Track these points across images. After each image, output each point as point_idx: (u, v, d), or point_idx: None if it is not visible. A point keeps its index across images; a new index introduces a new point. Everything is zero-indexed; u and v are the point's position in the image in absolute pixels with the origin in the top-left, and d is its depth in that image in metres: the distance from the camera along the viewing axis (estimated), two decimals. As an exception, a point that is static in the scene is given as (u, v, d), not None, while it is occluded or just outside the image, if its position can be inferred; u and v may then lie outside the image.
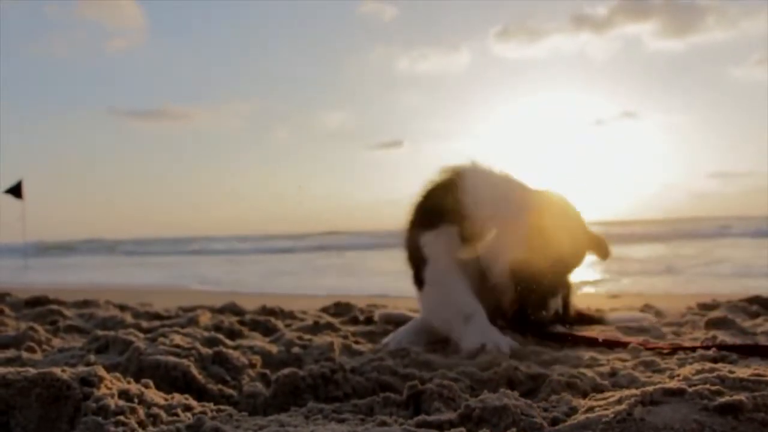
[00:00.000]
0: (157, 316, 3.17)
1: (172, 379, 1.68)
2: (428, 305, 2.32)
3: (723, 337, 2.22)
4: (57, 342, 2.38)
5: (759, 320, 2.65)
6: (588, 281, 6.95)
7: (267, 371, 1.87)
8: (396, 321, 2.75)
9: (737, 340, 2.20)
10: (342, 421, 1.35)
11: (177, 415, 1.37)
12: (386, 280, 7.79)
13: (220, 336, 2.19)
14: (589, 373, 1.68)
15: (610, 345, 2.18)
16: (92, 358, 1.86)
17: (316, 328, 2.65)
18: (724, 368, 1.51)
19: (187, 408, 1.42)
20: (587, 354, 2.04)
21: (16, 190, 12.50)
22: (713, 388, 1.24)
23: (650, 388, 1.25)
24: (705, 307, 3.26)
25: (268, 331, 2.62)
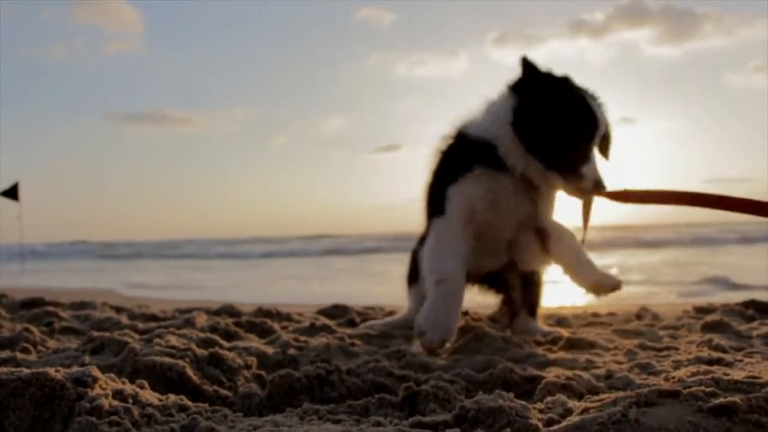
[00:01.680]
0: (153, 318, 3.17)
1: (167, 380, 1.67)
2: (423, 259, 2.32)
3: (719, 340, 2.22)
4: (52, 343, 2.36)
5: (754, 324, 2.66)
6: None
7: (263, 372, 1.87)
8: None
9: (733, 343, 2.21)
10: (337, 422, 1.35)
11: (172, 415, 1.36)
12: (385, 285, 7.79)
13: (216, 337, 2.18)
14: (584, 375, 1.68)
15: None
16: (87, 359, 1.85)
17: (313, 330, 2.64)
18: (719, 370, 1.52)
19: (182, 408, 1.42)
20: (583, 356, 2.04)
21: (12, 193, 12.46)
22: (708, 389, 1.24)
23: (645, 390, 1.26)
24: (701, 311, 3.27)
25: (264, 332, 2.61)
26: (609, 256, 12.16)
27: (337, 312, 3.34)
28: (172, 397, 1.47)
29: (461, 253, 2.24)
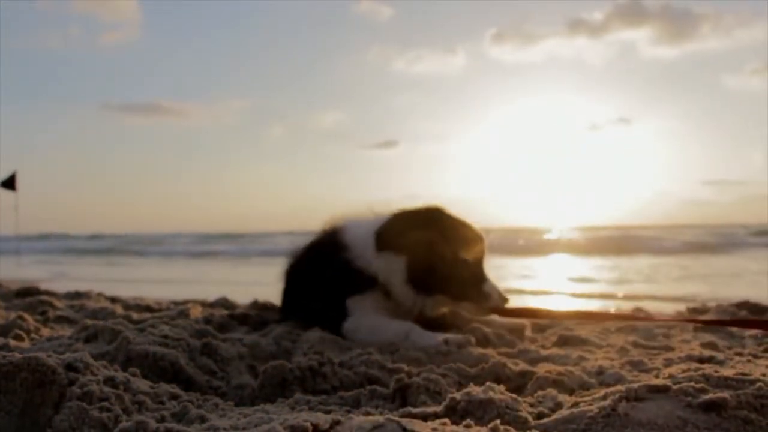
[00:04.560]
0: (147, 309, 3.17)
1: (160, 369, 1.68)
2: (363, 333, 2.33)
3: (711, 339, 2.23)
4: (46, 331, 2.36)
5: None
6: (580, 284, 6.97)
7: (255, 363, 1.87)
8: None
9: (725, 342, 2.22)
10: (328, 412, 1.35)
11: (163, 403, 1.36)
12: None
13: (210, 328, 2.18)
14: (576, 371, 1.68)
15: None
16: (80, 346, 1.85)
17: (304, 324, 2.64)
18: (709, 368, 1.52)
19: (174, 396, 1.42)
20: (575, 353, 2.05)
21: (9, 183, 12.42)
22: (698, 385, 1.25)
23: (635, 385, 1.26)
24: (695, 311, 3.28)
25: (258, 325, 2.61)
26: (606, 256, 12.18)
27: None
28: (164, 385, 1.47)
29: None
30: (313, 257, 2.63)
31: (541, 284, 7.19)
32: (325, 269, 2.50)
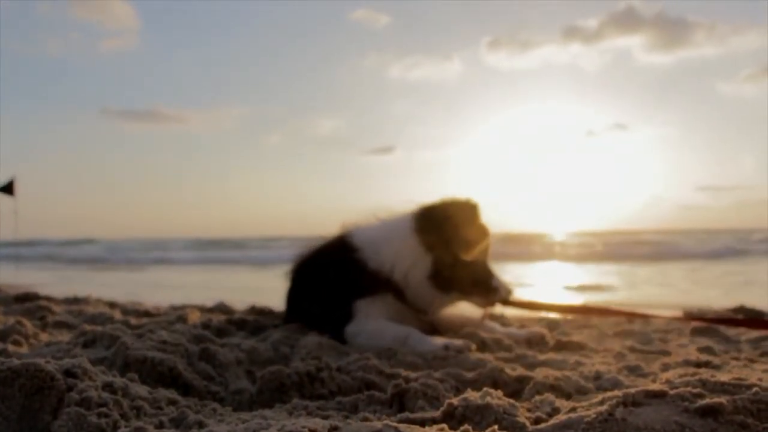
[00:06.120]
0: (146, 314, 3.16)
1: (158, 375, 1.68)
2: (364, 337, 2.35)
3: (708, 344, 2.23)
4: (44, 337, 2.36)
5: (742, 329, 2.67)
6: (575, 290, 6.97)
7: (253, 369, 1.87)
8: None
9: (721, 347, 2.22)
10: (326, 417, 1.35)
11: (161, 408, 1.37)
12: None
13: (208, 333, 2.19)
14: (573, 375, 1.69)
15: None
16: (78, 351, 1.85)
17: (305, 328, 2.64)
18: (706, 373, 1.53)
19: (172, 402, 1.42)
20: (572, 358, 2.05)
21: (8, 189, 12.41)
22: (695, 390, 1.25)
23: (632, 390, 1.26)
24: (691, 316, 3.28)
25: (256, 330, 2.62)
26: (602, 262, 12.20)
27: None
28: (162, 391, 1.47)
29: None
30: (322, 260, 2.65)
31: (540, 290, 7.19)
32: (334, 271, 2.52)
